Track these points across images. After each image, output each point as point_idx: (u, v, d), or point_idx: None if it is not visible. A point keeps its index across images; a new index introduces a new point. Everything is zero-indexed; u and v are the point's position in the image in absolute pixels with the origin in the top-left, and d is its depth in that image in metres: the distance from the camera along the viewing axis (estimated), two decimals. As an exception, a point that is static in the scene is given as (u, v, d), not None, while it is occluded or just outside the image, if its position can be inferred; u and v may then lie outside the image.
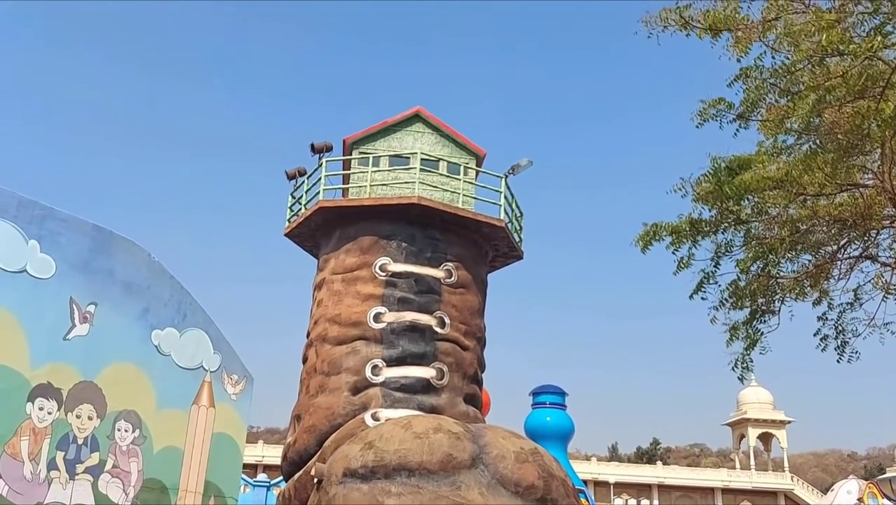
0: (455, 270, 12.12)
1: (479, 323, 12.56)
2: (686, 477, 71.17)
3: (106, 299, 8.37)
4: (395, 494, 9.00)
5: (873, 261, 8.52)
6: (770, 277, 8.33)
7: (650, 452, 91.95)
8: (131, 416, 8.43)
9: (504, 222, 12.52)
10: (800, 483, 70.77)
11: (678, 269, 8.12)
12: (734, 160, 8.36)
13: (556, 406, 30.56)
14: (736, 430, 75.23)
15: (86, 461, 7.87)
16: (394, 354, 11.28)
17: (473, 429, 10.22)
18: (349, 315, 11.61)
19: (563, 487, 9.78)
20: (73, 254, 8.14)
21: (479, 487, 9.17)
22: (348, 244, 12.24)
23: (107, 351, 8.25)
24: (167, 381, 8.89)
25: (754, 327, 8.80)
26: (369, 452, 9.40)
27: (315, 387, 11.51)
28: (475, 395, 12.14)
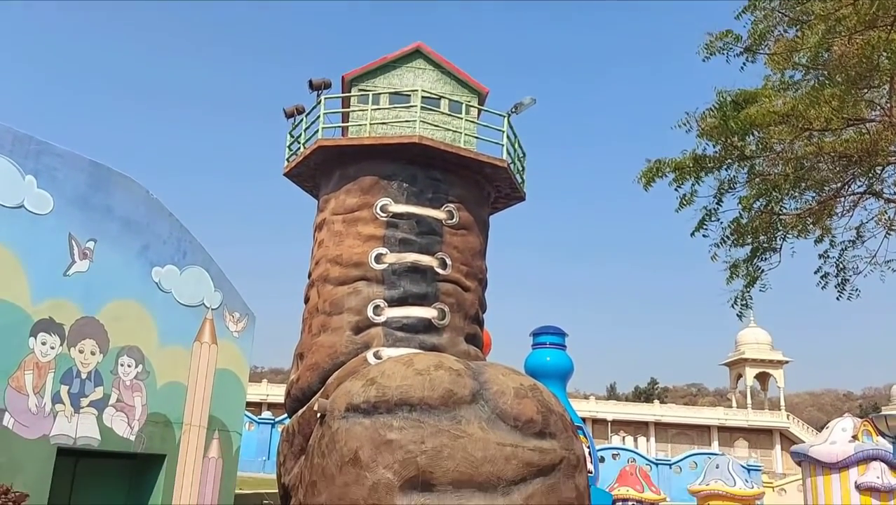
0: (456, 211, 12.05)
1: (480, 264, 12.55)
2: (682, 415, 72.48)
3: (105, 236, 8.34)
4: (397, 427, 9.14)
5: (877, 197, 8.44)
6: (773, 214, 8.26)
7: (648, 391, 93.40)
8: (134, 351, 8.49)
9: (506, 163, 12.38)
10: (795, 421, 72.10)
11: (680, 206, 8.05)
12: (740, 94, 8.19)
13: (556, 346, 30.86)
14: (733, 370, 76.28)
15: (90, 395, 7.96)
16: (395, 295, 11.30)
17: (474, 366, 10.32)
18: (350, 256, 11.59)
19: (561, 421, 9.92)
20: (71, 190, 8.07)
21: (479, 422, 9.31)
22: (348, 184, 12.13)
23: (107, 287, 8.27)
24: (169, 317, 8.93)
25: (755, 265, 8.78)
26: (371, 388, 9.51)
27: (317, 326, 11.57)
28: (476, 335, 12.22)
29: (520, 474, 9.13)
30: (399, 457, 8.94)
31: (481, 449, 9.08)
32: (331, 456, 9.30)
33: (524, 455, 9.25)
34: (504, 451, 9.17)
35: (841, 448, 29.95)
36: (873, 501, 29.09)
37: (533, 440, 9.44)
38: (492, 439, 9.20)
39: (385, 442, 9.05)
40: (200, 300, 9.37)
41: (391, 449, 9.00)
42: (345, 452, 9.16)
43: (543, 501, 9.12)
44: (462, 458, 8.98)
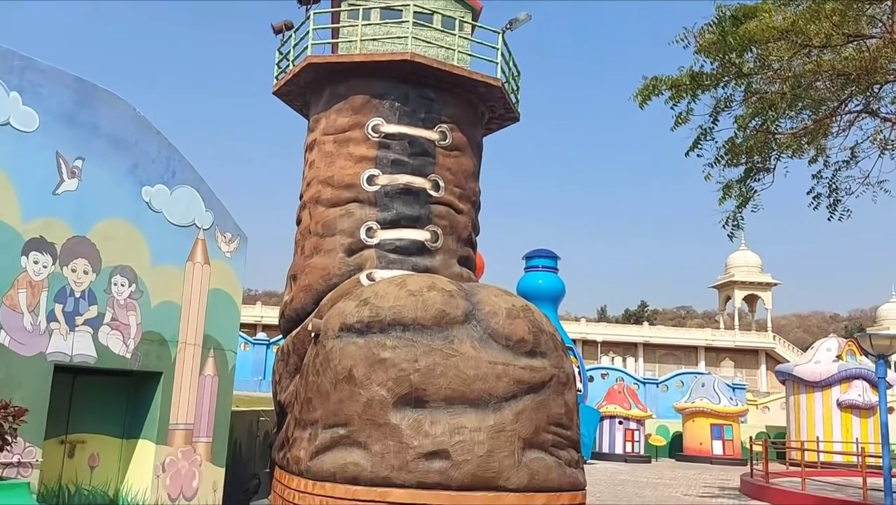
0: (450, 132, 11.90)
1: (473, 186, 12.48)
2: (671, 336, 73.98)
3: (93, 154, 8.21)
4: (391, 347, 9.27)
5: (874, 116, 8.35)
6: (768, 133, 8.17)
7: (637, 313, 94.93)
8: (126, 271, 8.49)
9: (501, 82, 12.16)
10: (781, 342, 73.68)
11: (676, 124, 7.94)
12: (740, 9, 7.96)
13: (548, 269, 31.35)
14: (722, 292, 77.41)
15: (84, 314, 8.01)
16: (388, 217, 11.26)
17: (467, 287, 10.41)
18: (342, 177, 11.49)
19: (551, 340, 10.08)
20: (56, 107, 7.89)
21: (471, 341, 9.45)
22: (339, 103, 11.92)
23: (97, 206, 8.19)
24: (160, 237, 8.89)
25: (748, 185, 8.75)
26: (365, 309, 9.60)
27: (310, 248, 11.58)
28: (469, 257, 12.25)
29: (510, 391, 9.34)
30: (392, 375, 9.11)
31: (473, 367, 9.25)
32: (325, 374, 9.47)
33: (515, 373, 9.43)
34: (495, 369, 9.35)
35: (825, 367, 30.83)
36: (853, 418, 30.15)
37: (524, 359, 9.61)
38: (483, 358, 9.36)
39: (379, 360, 9.21)
40: (192, 220, 9.32)
41: (385, 367, 9.16)
42: (339, 370, 9.33)
43: (533, 417, 9.36)
44: (454, 375, 9.16)
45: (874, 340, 13.69)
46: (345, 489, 8.91)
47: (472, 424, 9.04)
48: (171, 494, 8.93)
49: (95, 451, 8.95)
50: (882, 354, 13.75)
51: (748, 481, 18.88)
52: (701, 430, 32.06)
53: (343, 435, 9.12)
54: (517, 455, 9.09)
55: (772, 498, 16.71)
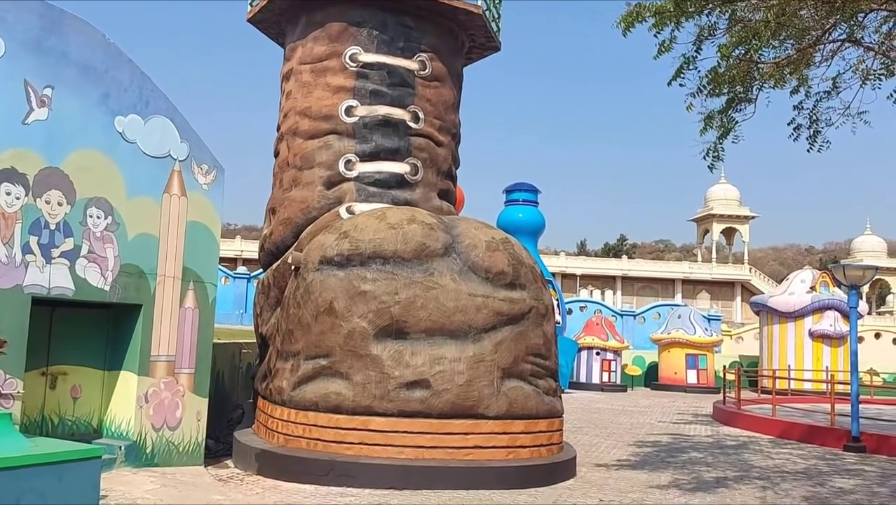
0: (429, 62, 11.67)
1: (453, 118, 12.32)
2: (648, 269, 74.96)
3: (62, 83, 7.96)
4: (371, 279, 9.30)
5: (857, 45, 8.30)
6: (751, 62, 8.11)
7: (617, 247, 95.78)
8: (102, 203, 8.35)
9: (482, 9, 11.88)
10: (756, 274, 74.98)
11: (659, 52, 7.84)
12: (726, -67, 7.81)
13: (529, 203, 31.38)
14: (701, 225, 78.24)
15: (60, 246, 7.90)
16: (367, 149, 11.13)
17: (447, 220, 10.40)
18: (319, 108, 11.29)
19: (530, 273, 10.16)
20: (22, 32, 7.58)
21: (450, 274, 9.50)
22: (315, 31, 11.60)
23: (69, 137, 7.99)
24: (135, 169, 8.72)
25: (729, 116, 8.73)
26: (345, 241, 9.58)
27: (288, 181, 11.46)
28: (449, 190, 12.19)
29: (490, 322, 9.45)
30: (373, 307, 9.16)
31: (453, 299, 9.33)
32: (306, 306, 9.50)
33: (494, 305, 9.53)
34: (475, 301, 9.43)
35: (798, 298, 31.50)
36: (825, 347, 31.00)
37: (503, 291, 9.70)
38: (463, 290, 9.43)
39: (359, 293, 9.24)
40: (167, 152, 9.14)
41: (365, 299, 9.20)
42: (320, 303, 9.36)
43: (512, 347, 9.51)
44: (434, 307, 9.23)
45: (847, 271, 13.96)
46: (327, 418, 9.07)
47: (452, 354, 9.17)
48: (155, 424, 9.04)
49: (77, 382, 8.99)
50: (855, 284, 14.04)
51: (720, 408, 19.46)
52: (676, 360, 32.83)
53: (325, 365, 9.22)
54: (496, 384, 9.27)
55: (742, 424, 17.27)
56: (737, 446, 13.99)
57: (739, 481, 10.16)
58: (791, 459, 12.47)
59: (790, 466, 11.78)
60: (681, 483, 9.85)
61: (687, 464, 11.59)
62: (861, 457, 13.06)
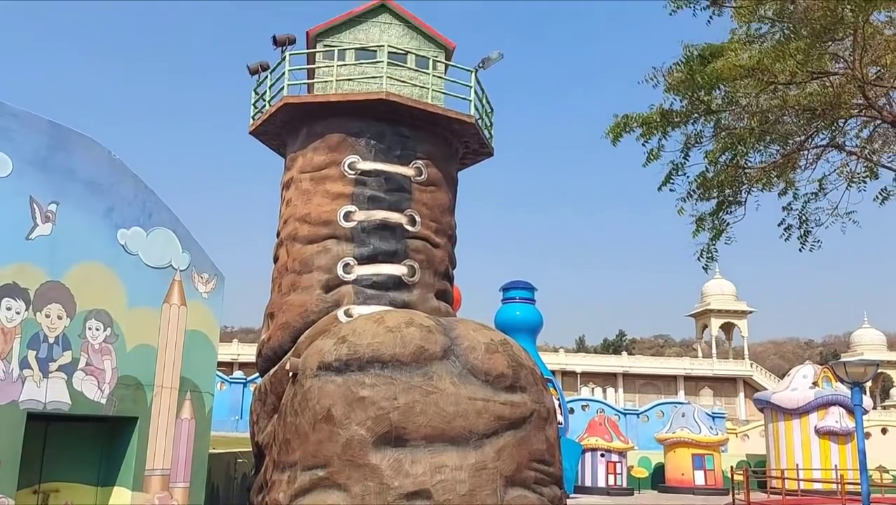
0: (425, 168, 12.01)
1: (449, 220, 12.57)
2: (650, 366, 74.13)
3: (67, 198, 8.15)
4: (369, 385, 9.22)
5: (840, 150, 8.59)
6: (738, 167, 8.37)
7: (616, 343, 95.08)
8: (102, 314, 8.38)
9: (474, 118, 12.32)
10: (758, 370, 74.17)
11: (648, 160, 8.12)
12: (706, 48, 8.22)
13: (526, 301, 31.35)
14: (699, 321, 77.96)
15: (58, 359, 7.87)
16: (365, 253, 11.29)
17: (445, 322, 10.41)
18: (319, 214, 11.53)
19: (531, 375, 10.09)
20: (30, 151, 7.84)
21: (450, 377, 9.43)
22: (315, 142, 12.00)
23: (72, 250, 8.11)
24: (136, 280, 8.80)
25: (720, 218, 8.93)
26: (343, 346, 9.56)
27: (287, 285, 11.55)
28: (446, 291, 12.29)
29: (491, 428, 9.31)
30: (372, 413, 9.04)
31: (453, 404, 9.22)
32: (304, 414, 9.37)
33: (495, 409, 9.41)
34: (475, 405, 9.32)
35: (801, 394, 31.03)
36: (832, 445, 30.31)
37: (504, 394, 9.60)
38: (463, 394, 9.34)
39: (358, 399, 9.14)
40: (168, 262, 9.25)
41: (364, 406, 9.09)
42: (318, 410, 9.24)
43: (514, 453, 9.32)
44: (434, 413, 9.11)
45: (849, 368, 13.84)
46: (326, 532, 8.78)
47: (454, 462, 8.98)
48: (148, 542, 8.72)
49: (69, 499, 8.73)
50: (857, 381, 13.89)
51: (730, 511, 18.84)
52: (682, 460, 31.98)
53: (322, 477, 9.00)
54: (499, 493, 9.03)
55: (754, 528, 16.68)
56: (750, 553, 13.47)
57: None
58: (807, 566, 11.98)
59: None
60: None
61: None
62: (878, 561, 12.58)
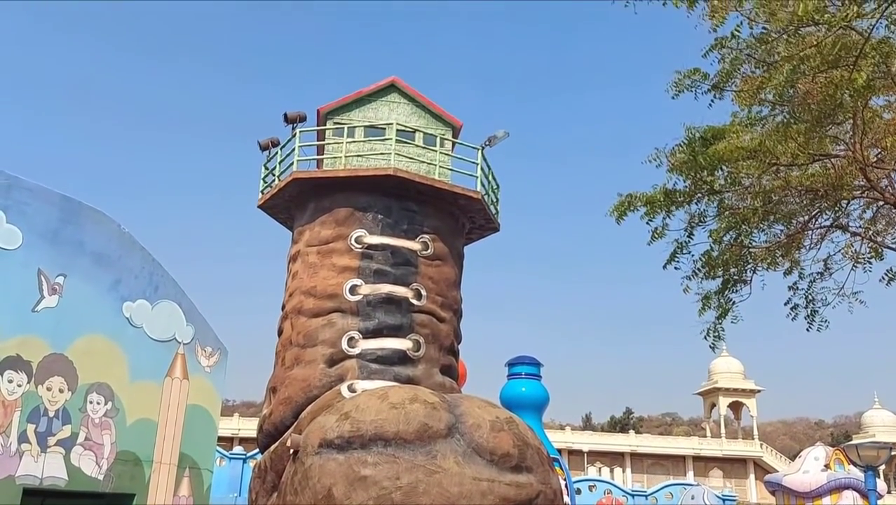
0: (431, 243, 12.08)
1: (455, 295, 12.55)
2: (658, 445, 72.53)
3: (75, 271, 8.20)
4: (372, 463, 9.03)
5: (844, 230, 8.64)
6: (742, 246, 8.41)
7: (623, 421, 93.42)
8: (103, 388, 8.31)
9: (480, 194, 12.47)
10: (768, 450, 72.51)
11: (652, 239, 8.17)
12: (708, 130, 8.40)
13: (532, 376, 30.78)
14: (707, 399, 76.76)
15: (57, 434, 7.76)
16: (370, 326, 11.24)
17: (449, 399, 10.27)
18: (325, 287, 11.54)
19: (537, 454, 9.88)
20: (41, 224, 7.94)
21: (454, 456, 9.24)
22: (323, 216, 12.12)
23: (77, 323, 8.11)
24: (139, 353, 8.77)
25: (726, 297, 8.91)
26: (346, 423, 9.41)
27: (291, 359, 11.46)
28: (451, 366, 12.17)
29: (496, 509, 9.06)
30: (374, 493, 8.83)
31: (457, 484, 9.01)
32: (304, 493, 9.16)
33: (500, 490, 9.19)
34: (480, 485, 9.10)
35: (814, 477, 30.25)
36: (847, 530, 29.33)
37: (509, 474, 9.39)
38: (468, 474, 9.13)
39: (359, 478, 8.94)
40: (172, 335, 9.23)
41: (366, 485, 8.89)
42: (318, 489, 9.03)
43: (520, 536, 9.05)
44: (437, 493, 8.90)
45: (861, 451, 13.52)
46: None
47: (457, 545, 8.71)
48: None
49: (61, 579, 8.48)
50: (870, 464, 13.56)
51: None
52: (694, 544, 30.95)
53: (322, 559, 8.74)
54: (504, 578, 8.72)
55: None
56: None
57: None
58: None
59: None
60: None
61: None
62: None
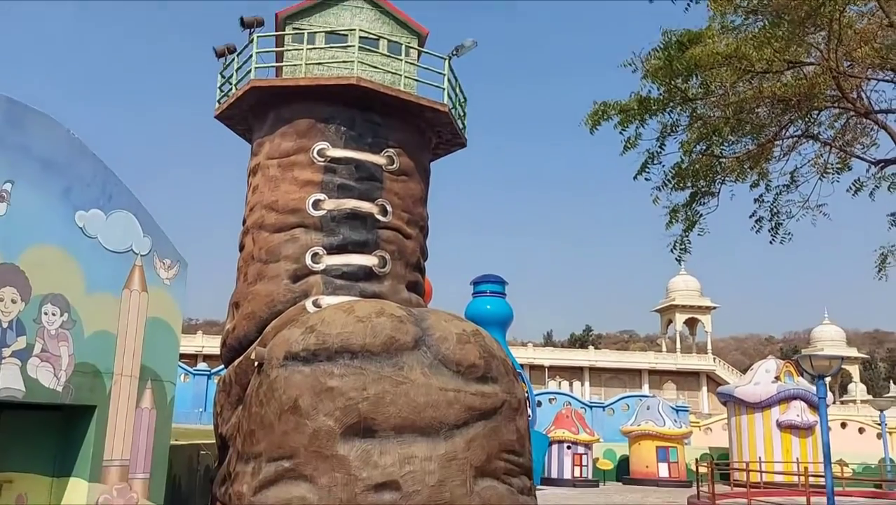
0: (397, 157, 11.79)
1: (421, 211, 12.37)
2: (615, 360, 74.95)
3: (23, 178, 7.78)
4: (338, 375, 9.02)
5: (814, 140, 8.62)
6: (713, 157, 8.36)
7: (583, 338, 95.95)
8: (58, 299, 8.04)
9: (448, 107, 12.14)
10: (721, 364, 75.40)
11: (625, 149, 8.07)
12: (685, 34, 8.20)
13: (496, 294, 31.36)
14: (664, 316, 79.01)
15: (12, 345, 7.52)
16: (334, 242, 11.05)
17: (416, 312, 10.25)
18: (287, 202, 11.26)
19: (502, 365, 9.98)
20: (-18, 128, 7.49)
21: (421, 368, 9.28)
22: (284, 127, 11.71)
23: (27, 232, 7.74)
24: (95, 264, 8.47)
25: (693, 209, 8.93)
26: (311, 336, 9.34)
27: (253, 274, 11.27)
28: (417, 282, 12.11)
29: (462, 418, 9.18)
30: (340, 404, 8.85)
31: (424, 394, 9.07)
32: (269, 404, 9.15)
33: (466, 399, 9.29)
34: (446, 396, 9.19)
35: (764, 388, 31.52)
36: (793, 438, 30.82)
37: (475, 385, 9.48)
38: (434, 385, 9.19)
39: (325, 389, 8.94)
40: (128, 246, 8.92)
41: (332, 396, 8.90)
42: (284, 401, 9.02)
43: (485, 444, 9.21)
44: (404, 403, 8.96)
45: (814, 361, 13.99)
46: (291, 525, 8.58)
47: (423, 453, 8.84)
48: (106, 536, 8.44)
49: (23, 491, 8.40)
50: (822, 374, 14.05)
51: (695, 504, 19.02)
52: (647, 452, 32.31)
53: (288, 468, 8.79)
54: (469, 484, 8.91)
55: (719, 520, 16.83)
56: (715, 544, 13.55)
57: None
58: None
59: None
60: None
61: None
62: (841, 552, 12.74)
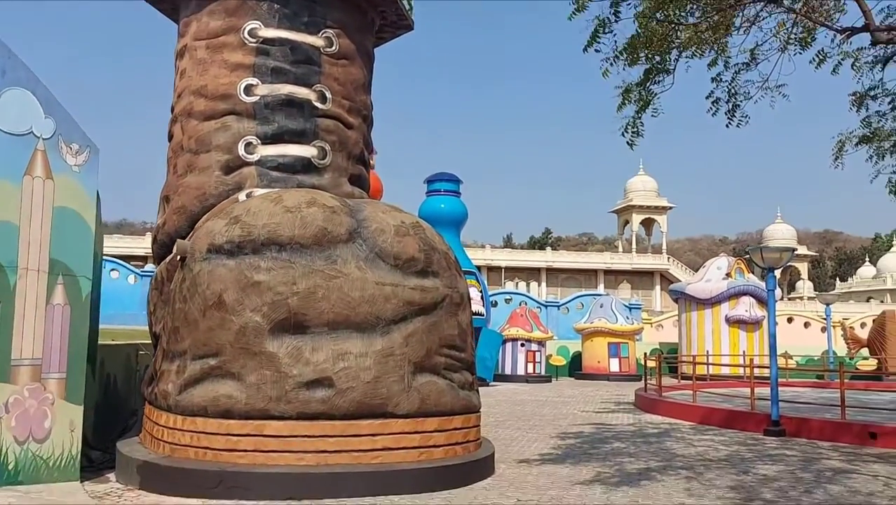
0: (336, 38, 10.85)
1: (364, 99, 11.53)
2: (572, 261, 75.97)
3: None
4: (265, 269, 8.45)
5: (778, 4, 7.99)
6: (670, 23, 7.69)
7: (542, 241, 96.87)
8: (-57, 185, 7.26)
9: (390, -17, 11.15)
10: (675, 263, 76.98)
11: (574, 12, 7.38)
12: None
13: (450, 193, 30.87)
14: (622, 216, 79.82)
15: None
16: (269, 131, 10.24)
17: (352, 203, 9.63)
18: (216, 87, 10.33)
19: (444, 259, 9.51)
20: None
21: (356, 261, 8.75)
22: (211, 4, 10.64)
23: None
24: (-12, 147, 7.64)
25: (648, 88, 8.34)
26: (235, 227, 8.70)
27: (183, 166, 10.47)
28: (361, 175, 11.41)
29: (400, 313, 8.76)
30: (268, 299, 8.32)
31: (359, 289, 8.59)
32: (193, 300, 8.58)
33: (405, 294, 8.84)
34: (383, 290, 8.72)
35: (715, 285, 32.07)
36: (741, 333, 31.64)
37: (414, 279, 9.02)
38: (370, 279, 8.70)
39: (252, 284, 8.38)
40: (28, 128, 8.04)
41: (259, 291, 8.35)
42: (208, 296, 8.46)
43: (424, 339, 8.84)
44: (338, 298, 8.47)
45: (765, 253, 13.88)
46: (217, 423, 8.17)
47: (358, 349, 8.43)
48: (19, 437, 7.95)
49: (-75, 394, 7.84)
50: (772, 266, 13.98)
51: (642, 396, 19.36)
52: (599, 349, 32.97)
53: (214, 366, 8.32)
54: (407, 380, 8.58)
55: (664, 411, 17.14)
56: (659, 434, 13.73)
57: (663, 472, 9.78)
58: (713, 446, 12.24)
59: (713, 453, 11.53)
60: (604, 477, 9.39)
61: (609, 455, 11.18)
62: (781, 441, 12.98)
